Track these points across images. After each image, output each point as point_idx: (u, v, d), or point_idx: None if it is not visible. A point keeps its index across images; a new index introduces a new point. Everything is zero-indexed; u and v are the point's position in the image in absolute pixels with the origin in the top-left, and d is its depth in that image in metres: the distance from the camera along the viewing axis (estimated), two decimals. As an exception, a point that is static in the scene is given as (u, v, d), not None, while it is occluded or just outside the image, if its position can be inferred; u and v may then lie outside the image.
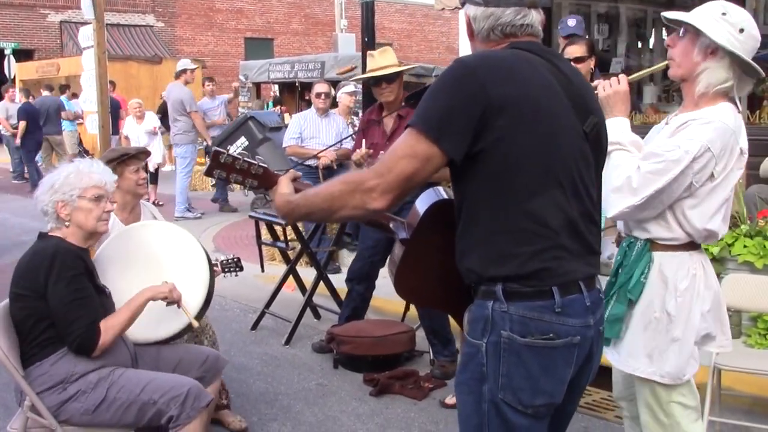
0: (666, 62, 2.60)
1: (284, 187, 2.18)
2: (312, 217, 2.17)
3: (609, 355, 2.71)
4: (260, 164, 2.17)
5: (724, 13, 2.45)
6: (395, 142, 1.90)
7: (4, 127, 14.99)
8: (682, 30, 2.52)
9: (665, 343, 2.55)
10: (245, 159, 2.16)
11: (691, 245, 2.57)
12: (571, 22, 5.91)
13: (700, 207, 2.49)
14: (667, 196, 2.46)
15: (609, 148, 2.29)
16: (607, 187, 2.40)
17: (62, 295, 2.85)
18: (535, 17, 1.99)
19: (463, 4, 2.07)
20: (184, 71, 10.42)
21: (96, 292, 3.00)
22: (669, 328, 2.55)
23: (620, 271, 2.64)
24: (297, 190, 2.17)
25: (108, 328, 2.93)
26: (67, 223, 2.99)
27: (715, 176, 2.45)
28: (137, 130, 11.30)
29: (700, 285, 2.55)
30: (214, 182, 11.22)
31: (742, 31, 2.43)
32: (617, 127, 2.59)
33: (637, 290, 2.57)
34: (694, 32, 2.47)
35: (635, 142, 2.59)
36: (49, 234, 3.05)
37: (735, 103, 2.52)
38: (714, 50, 2.44)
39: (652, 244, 2.58)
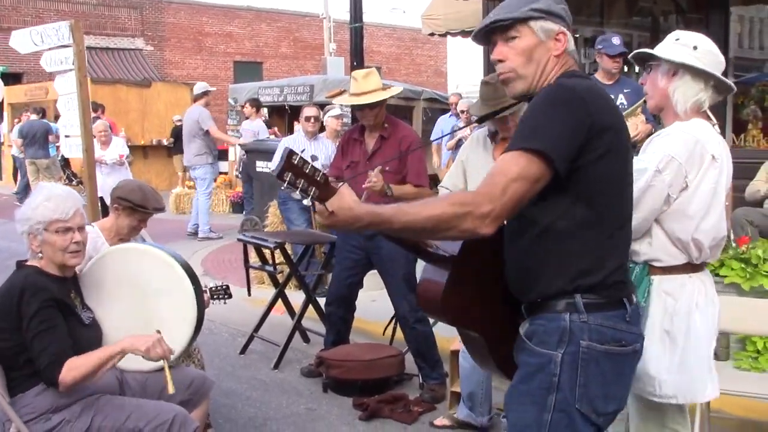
0: (643, 99, 2.79)
1: (349, 197, 1.88)
2: (402, 233, 1.98)
3: None
4: (323, 172, 1.95)
5: (677, 39, 2.67)
6: (497, 164, 1.91)
7: (20, 149, 14.94)
8: (649, 66, 2.71)
9: (671, 362, 2.58)
10: (312, 165, 1.94)
11: (690, 267, 2.62)
12: (616, 40, 5.85)
13: (681, 220, 2.55)
14: (647, 210, 2.52)
15: None
16: None
17: (30, 327, 2.82)
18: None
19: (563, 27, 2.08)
20: (206, 93, 10.36)
21: (74, 322, 2.94)
22: (672, 348, 2.58)
23: None
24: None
25: (71, 368, 2.82)
26: (39, 255, 2.96)
27: (689, 185, 2.54)
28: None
29: (699, 298, 2.61)
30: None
31: (695, 48, 2.62)
32: None
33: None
34: (656, 61, 2.66)
35: None
36: (25, 264, 3.02)
37: (708, 118, 2.67)
38: (675, 71, 2.62)
39: (650, 268, 2.61)
